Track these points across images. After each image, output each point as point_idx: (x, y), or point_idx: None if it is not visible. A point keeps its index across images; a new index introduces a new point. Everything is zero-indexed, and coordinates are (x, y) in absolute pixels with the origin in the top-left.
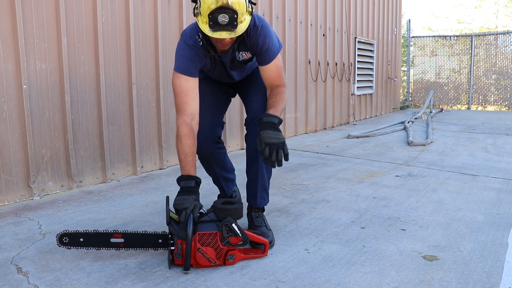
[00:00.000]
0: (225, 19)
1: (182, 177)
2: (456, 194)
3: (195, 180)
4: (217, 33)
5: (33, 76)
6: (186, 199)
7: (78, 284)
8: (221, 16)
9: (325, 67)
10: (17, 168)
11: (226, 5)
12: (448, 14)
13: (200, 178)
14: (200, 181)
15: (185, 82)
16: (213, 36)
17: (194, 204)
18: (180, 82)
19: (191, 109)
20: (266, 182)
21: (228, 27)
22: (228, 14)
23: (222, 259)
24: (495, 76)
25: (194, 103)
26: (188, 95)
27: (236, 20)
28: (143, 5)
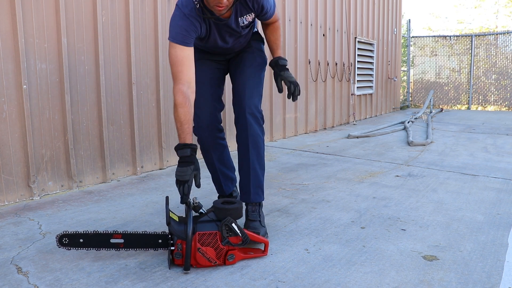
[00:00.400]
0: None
1: (178, 146)
2: (456, 194)
3: (190, 147)
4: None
5: (33, 76)
6: (185, 171)
7: (78, 284)
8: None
9: (325, 67)
10: (17, 168)
11: None
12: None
13: (195, 145)
14: (195, 148)
15: (180, 52)
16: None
17: (193, 174)
18: (175, 51)
19: (187, 77)
20: (260, 178)
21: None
22: None
23: (222, 259)
24: (495, 76)
25: (189, 71)
26: (184, 64)
27: None
28: (143, 5)
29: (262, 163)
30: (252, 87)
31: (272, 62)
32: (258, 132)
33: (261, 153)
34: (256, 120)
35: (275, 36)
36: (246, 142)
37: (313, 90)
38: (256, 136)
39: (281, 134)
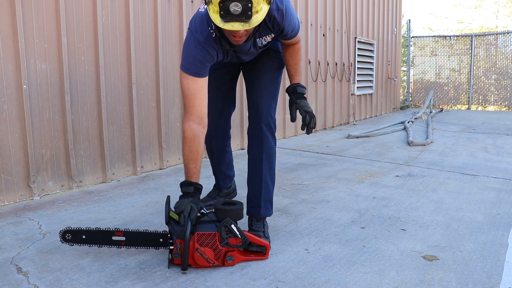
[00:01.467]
0: (237, 8)
1: (183, 183)
2: (456, 194)
3: (194, 186)
4: (229, 24)
5: (33, 76)
6: (182, 202)
7: (78, 284)
8: (233, 4)
9: (325, 67)
10: (17, 168)
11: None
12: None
13: (201, 185)
14: (200, 188)
15: (193, 83)
16: (225, 27)
17: (190, 206)
18: (188, 83)
19: (198, 112)
20: (270, 192)
21: (241, 17)
22: (241, 3)
23: (221, 260)
24: (495, 76)
25: (201, 105)
26: (196, 98)
27: (251, 9)
28: (143, 5)
29: (273, 176)
30: (268, 96)
31: (289, 88)
32: (272, 144)
33: (273, 166)
34: (270, 131)
35: (294, 60)
36: (260, 154)
37: (313, 90)
38: (269, 149)
39: (281, 134)
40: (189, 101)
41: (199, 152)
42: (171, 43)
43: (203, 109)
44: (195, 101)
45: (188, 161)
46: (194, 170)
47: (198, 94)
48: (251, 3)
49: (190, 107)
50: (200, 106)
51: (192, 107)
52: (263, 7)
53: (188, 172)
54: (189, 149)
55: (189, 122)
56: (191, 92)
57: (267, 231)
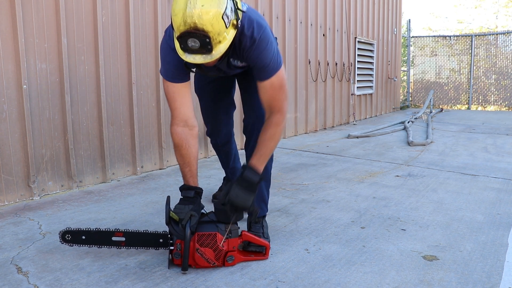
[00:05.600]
0: (195, 44)
1: (183, 187)
2: (456, 194)
3: (195, 190)
4: (191, 57)
5: (33, 76)
6: (182, 209)
7: (78, 284)
8: (190, 40)
9: (325, 67)
10: (17, 168)
11: (195, 28)
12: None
13: (201, 189)
14: (201, 192)
15: (172, 87)
16: (187, 60)
17: (190, 214)
18: (167, 87)
19: (182, 115)
20: (264, 193)
21: (202, 51)
22: (198, 39)
23: (221, 260)
24: (495, 76)
25: (183, 108)
26: (176, 100)
27: (210, 43)
28: (143, 5)
29: (269, 176)
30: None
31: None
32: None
33: (268, 168)
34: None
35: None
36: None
37: (313, 90)
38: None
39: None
40: (170, 104)
41: (191, 155)
42: None
43: (185, 111)
44: (175, 104)
45: (181, 165)
46: (190, 173)
47: (178, 97)
48: (208, 38)
49: (172, 110)
50: (181, 108)
51: (174, 110)
52: (228, 35)
53: (184, 176)
54: (179, 154)
55: (174, 126)
56: (170, 95)
57: (266, 231)
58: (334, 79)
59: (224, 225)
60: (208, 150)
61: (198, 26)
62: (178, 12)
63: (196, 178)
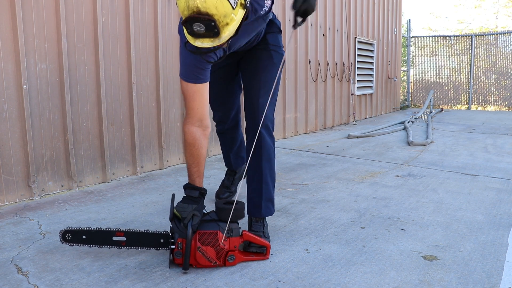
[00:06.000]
0: (200, 28)
1: (188, 185)
2: (456, 194)
3: (200, 191)
4: (199, 41)
5: (33, 76)
6: (185, 208)
7: (78, 284)
8: (195, 25)
9: (325, 67)
10: (17, 168)
11: (198, 13)
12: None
13: (205, 190)
14: (205, 193)
15: (192, 87)
16: (195, 44)
17: (192, 214)
18: (186, 86)
19: (198, 115)
20: (271, 192)
21: (208, 34)
22: (203, 23)
23: (223, 260)
24: (495, 76)
25: (201, 107)
26: (195, 100)
27: (216, 26)
28: (143, 5)
29: (274, 175)
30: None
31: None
32: (271, 144)
33: (273, 166)
34: (269, 132)
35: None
36: (259, 156)
37: (313, 90)
38: (269, 149)
39: (281, 134)
40: (188, 103)
41: (201, 156)
42: (171, 43)
43: (202, 112)
44: (194, 103)
45: (190, 164)
46: (197, 173)
47: (197, 97)
48: (214, 21)
49: (189, 109)
50: (199, 108)
51: (191, 109)
52: (236, 16)
53: (191, 176)
54: (190, 153)
55: (189, 125)
56: (189, 94)
57: (267, 231)
58: (334, 79)
59: (226, 224)
60: (208, 150)
61: (202, 10)
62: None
63: (202, 179)
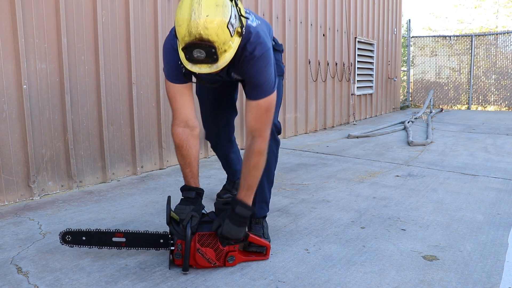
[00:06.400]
0: (201, 54)
1: (184, 187)
2: (456, 194)
3: (196, 191)
4: (196, 67)
5: (33, 76)
6: (183, 209)
7: (78, 284)
8: (195, 51)
9: (325, 67)
10: (17, 168)
11: (200, 39)
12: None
13: (202, 190)
14: (202, 192)
15: (173, 88)
16: (192, 70)
17: (191, 215)
18: (169, 87)
19: (182, 116)
20: (266, 194)
21: (207, 60)
22: (204, 49)
23: (222, 260)
24: (495, 76)
25: (184, 108)
26: (177, 101)
27: (216, 53)
28: (143, 5)
29: (271, 177)
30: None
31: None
32: (273, 149)
33: (272, 168)
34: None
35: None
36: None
37: (313, 90)
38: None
39: (281, 134)
40: (171, 104)
41: (192, 156)
42: None
43: (185, 112)
44: (176, 104)
45: (182, 166)
46: (190, 174)
47: (179, 98)
48: (214, 48)
49: (173, 110)
50: (182, 109)
51: (175, 110)
52: (233, 44)
53: (185, 177)
54: (180, 155)
55: (175, 126)
56: (172, 95)
57: (266, 231)
58: (334, 79)
59: None
60: (208, 150)
61: (204, 36)
62: (182, 23)
63: (197, 178)
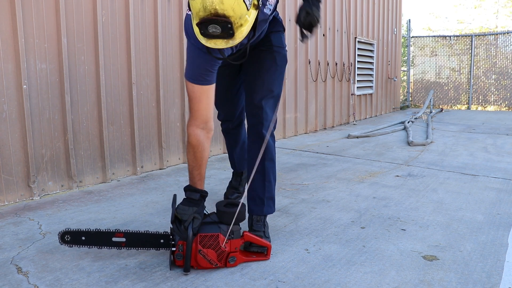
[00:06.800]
0: (216, 29)
1: (188, 187)
2: (456, 194)
3: (201, 193)
4: (212, 42)
5: (33, 76)
6: (186, 210)
7: (78, 284)
8: (210, 27)
9: (325, 67)
10: (17, 168)
11: (215, 14)
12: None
13: (206, 192)
14: (206, 195)
15: (199, 89)
16: (208, 45)
17: (193, 216)
18: (193, 88)
19: (203, 117)
20: (273, 190)
21: (223, 35)
22: (219, 24)
23: (224, 261)
24: (495, 76)
25: (207, 109)
26: (201, 102)
27: (232, 28)
28: (143, 5)
29: (275, 175)
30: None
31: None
32: (272, 144)
33: (275, 165)
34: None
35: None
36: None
37: (313, 90)
38: (271, 148)
39: (281, 134)
40: (193, 105)
41: (204, 159)
42: (171, 43)
43: (208, 114)
44: (200, 105)
45: (192, 167)
46: (198, 176)
47: (204, 99)
48: (230, 23)
49: (194, 111)
50: (205, 110)
51: (196, 111)
52: (250, 17)
53: (192, 178)
54: (193, 156)
55: (193, 127)
56: (196, 96)
57: (267, 231)
58: (334, 79)
59: (226, 226)
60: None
61: (219, 11)
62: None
63: (203, 181)
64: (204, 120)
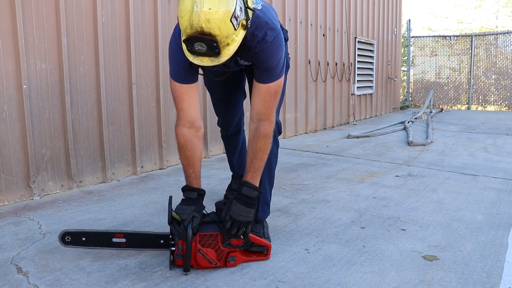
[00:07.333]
0: (202, 47)
1: (186, 187)
2: (456, 194)
3: (198, 192)
4: (198, 59)
5: (33, 76)
6: (185, 210)
7: (78, 284)
8: (197, 44)
9: (325, 67)
10: (17, 168)
11: (201, 32)
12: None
13: (204, 190)
14: (203, 194)
15: (180, 88)
16: (194, 61)
17: (192, 215)
18: (174, 87)
19: (188, 116)
20: (267, 195)
21: (209, 53)
22: (205, 42)
23: (223, 261)
24: (495, 76)
25: (190, 108)
26: (183, 100)
27: (218, 47)
28: (143, 5)
29: (272, 179)
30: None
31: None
32: (273, 149)
33: (273, 170)
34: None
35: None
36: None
37: (313, 90)
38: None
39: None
40: (177, 104)
41: (195, 157)
42: None
43: (192, 112)
44: (182, 104)
45: (185, 166)
46: (193, 175)
47: (185, 98)
48: (216, 42)
49: (178, 110)
50: (188, 109)
51: (180, 110)
52: (237, 37)
53: (188, 177)
54: (184, 155)
55: (179, 126)
56: (178, 95)
57: (267, 231)
58: (334, 79)
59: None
60: (208, 150)
61: (205, 30)
62: (184, 14)
63: (199, 179)
64: (189, 119)
